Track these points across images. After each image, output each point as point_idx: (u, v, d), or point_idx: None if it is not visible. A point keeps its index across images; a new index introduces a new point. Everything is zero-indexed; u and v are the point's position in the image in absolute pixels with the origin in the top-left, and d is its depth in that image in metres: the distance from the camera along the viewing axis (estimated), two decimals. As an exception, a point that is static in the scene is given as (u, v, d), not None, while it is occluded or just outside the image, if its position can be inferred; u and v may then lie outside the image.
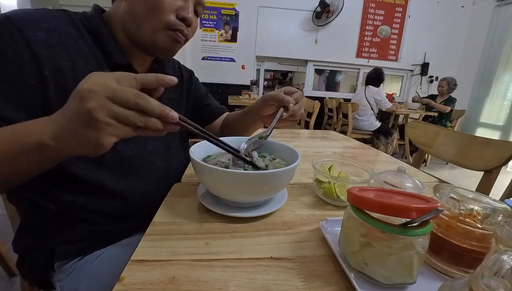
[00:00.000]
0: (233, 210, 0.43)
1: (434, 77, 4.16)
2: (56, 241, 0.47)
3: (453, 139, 0.93)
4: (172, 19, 0.49)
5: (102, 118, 0.28)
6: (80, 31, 0.48)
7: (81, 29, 0.48)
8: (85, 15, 0.51)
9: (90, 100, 0.27)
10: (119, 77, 0.30)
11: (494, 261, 0.21)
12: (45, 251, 0.48)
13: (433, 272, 0.33)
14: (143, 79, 0.31)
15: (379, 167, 0.77)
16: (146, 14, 0.48)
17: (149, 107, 0.30)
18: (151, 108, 0.30)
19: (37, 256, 0.49)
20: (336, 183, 0.49)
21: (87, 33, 0.49)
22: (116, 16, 0.52)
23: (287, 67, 4.13)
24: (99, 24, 0.50)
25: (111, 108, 0.28)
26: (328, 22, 3.76)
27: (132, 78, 0.30)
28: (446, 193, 0.36)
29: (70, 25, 0.47)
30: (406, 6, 3.95)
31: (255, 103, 0.64)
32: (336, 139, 1.13)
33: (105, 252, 0.49)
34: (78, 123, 0.28)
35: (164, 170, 0.58)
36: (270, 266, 0.33)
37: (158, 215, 0.43)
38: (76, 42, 0.47)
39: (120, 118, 0.29)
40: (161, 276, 0.30)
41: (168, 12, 0.48)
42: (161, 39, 0.50)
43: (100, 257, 0.48)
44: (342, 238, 0.35)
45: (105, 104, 0.28)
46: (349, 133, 3.02)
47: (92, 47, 0.49)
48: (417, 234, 0.27)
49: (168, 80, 0.32)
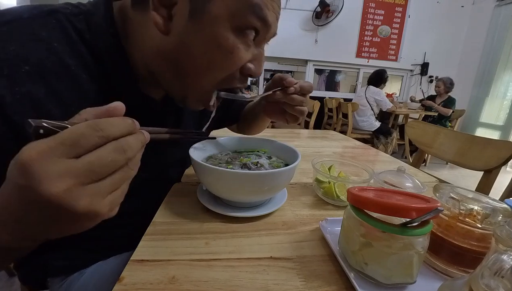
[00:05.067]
0: (233, 210, 0.43)
1: (434, 77, 4.16)
2: (49, 257, 0.45)
3: (453, 139, 0.93)
4: (236, 77, 0.37)
5: (100, 205, 0.21)
6: (81, 57, 0.34)
7: (81, 52, 0.34)
8: (88, 24, 0.35)
9: (76, 200, 0.19)
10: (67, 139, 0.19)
11: (494, 261, 0.21)
12: (39, 266, 0.46)
13: (433, 272, 0.33)
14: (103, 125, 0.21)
15: (379, 167, 0.77)
16: (200, 71, 0.35)
17: (132, 154, 0.22)
18: (134, 152, 0.23)
19: (31, 270, 0.48)
20: (336, 182, 0.49)
21: (89, 54, 0.35)
22: (140, 39, 0.36)
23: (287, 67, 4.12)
24: (111, 50, 0.35)
25: (103, 187, 0.21)
26: (328, 22, 3.76)
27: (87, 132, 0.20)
28: (446, 192, 0.36)
29: (65, 47, 0.33)
30: (406, 6, 3.95)
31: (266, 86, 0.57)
32: (336, 139, 1.13)
33: (96, 267, 0.48)
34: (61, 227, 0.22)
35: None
36: (270, 266, 0.33)
37: (158, 215, 0.43)
38: (76, 80, 0.33)
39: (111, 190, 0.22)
40: (161, 276, 0.30)
41: (235, 67, 0.36)
42: (203, 99, 0.39)
43: (91, 271, 0.47)
44: (342, 238, 0.35)
45: (93, 192, 0.20)
46: (349, 133, 3.02)
47: (95, 77, 0.35)
48: (417, 234, 0.27)
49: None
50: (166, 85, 0.39)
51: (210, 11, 0.32)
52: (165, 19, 0.33)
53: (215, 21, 0.32)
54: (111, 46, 0.35)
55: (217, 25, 0.33)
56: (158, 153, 0.49)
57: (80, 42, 0.34)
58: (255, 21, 0.34)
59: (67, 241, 0.44)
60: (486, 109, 3.86)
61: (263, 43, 0.39)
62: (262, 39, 0.38)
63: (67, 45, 0.33)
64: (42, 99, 0.31)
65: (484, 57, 3.84)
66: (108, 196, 0.21)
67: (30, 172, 0.18)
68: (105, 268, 0.48)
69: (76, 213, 0.20)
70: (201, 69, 0.36)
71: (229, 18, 0.33)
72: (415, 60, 4.17)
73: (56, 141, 0.19)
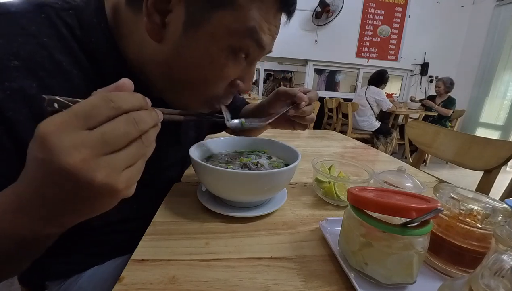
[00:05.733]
0: (233, 210, 0.43)
1: (434, 77, 4.17)
2: (48, 262, 0.44)
3: (452, 139, 0.93)
4: (221, 93, 0.38)
5: (119, 178, 0.21)
6: (73, 54, 0.33)
7: (73, 48, 0.33)
8: (79, 20, 0.33)
9: (94, 171, 0.20)
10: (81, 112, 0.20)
11: (494, 261, 0.21)
12: (38, 270, 0.45)
13: (433, 272, 0.33)
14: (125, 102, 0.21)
15: (379, 167, 0.77)
16: (190, 85, 0.36)
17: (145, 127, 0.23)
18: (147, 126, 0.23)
19: (30, 274, 0.48)
20: (336, 182, 0.49)
21: (81, 51, 0.33)
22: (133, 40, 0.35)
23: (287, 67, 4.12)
24: (105, 49, 0.34)
25: (120, 159, 0.21)
26: (328, 22, 3.76)
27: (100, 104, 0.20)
28: (446, 192, 0.36)
29: (56, 43, 0.31)
30: (406, 6, 3.95)
31: (267, 98, 0.57)
32: (336, 139, 1.13)
33: (95, 269, 0.47)
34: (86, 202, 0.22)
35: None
36: (270, 266, 0.33)
37: (158, 215, 0.43)
38: (68, 76, 0.32)
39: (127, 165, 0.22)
40: (161, 276, 0.30)
41: (221, 85, 0.37)
42: (197, 108, 0.40)
43: (88, 275, 0.47)
44: (342, 238, 0.35)
45: (111, 163, 0.20)
46: (349, 133, 3.02)
47: (88, 75, 0.34)
48: (417, 233, 0.27)
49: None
50: (159, 90, 0.39)
51: (206, 27, 0.31)
52: (158, 26, 0.32)
53: (210, 38, 0.32)
54: (104, 45, 0.35)
55: (212, 41, 0.32)
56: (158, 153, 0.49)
57: (71, 38, 0.33)
58: (250, 43, 0.34)
59: (67, 246, 0.44)
60: (486, 109, 3.86)
61: (255, 61, 0.39)
62: (255, 58, 0.38)
63: (57, 41, 0.32)
64: (34, 94, 0.30)
65: (484, 57, 3.84)
66: (124, 171, 0.21)
67: (48, 145, 0.19)
68: (104, 269, 0.47)
69: (93, 185, 0.20)
70: (192, 81, 0.35)
71: (225, 37, 0.32)
72: (415, 60, 4.18)
73: (70, 113, 0.20)
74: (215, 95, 0.38)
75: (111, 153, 0.21)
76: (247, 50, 0.35)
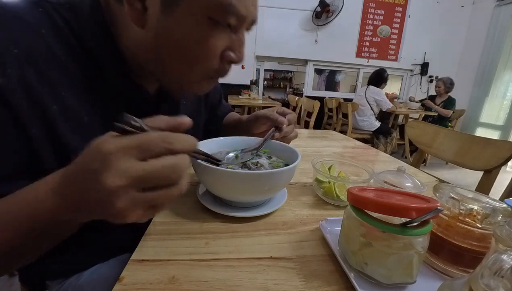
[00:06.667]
0: (233, 210, 0.43)
1: (434, 77, 4.17)
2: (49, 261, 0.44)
3: (452, 139, 0.93)
4: (215, 67, 0.37)
5: (133, 212, 0.23)
6: (70, 47, 0.34)
7: (70, 42, 0.34)
8: (75, 14, 0.35)
9: (119, 199, 0.22)
10: (142, 144, 0.22)
11: (493, 261, 0.21)
12: (38, 269, 0.46)
13: (433, 271, 0.34)
14: (171, 138, 0.24)
15: (379, 167, 0.77)
16: (181, 65, 0.36)
17: (184, 174, 0.25)
18: (183, 169, 0.25)
19: (30, 273, 0.48)
20: (336, 182, 0.49)
21: (78, 44, 0.34)
22: (124, 30, 0.36)
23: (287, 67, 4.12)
24: (101, 42, 0.35)
25: (146, 199, 0.23)
26: (328, 22, 3.76)
27: (159, 142, 0.23)
28: (446, 192, 0.36)
29: (54, 36, 0.33)
30: (406, 6, 3.95)
31: (247, 119, 0.60)
32: (336, 139, 1.13)
33: (95, 268, 0.47)
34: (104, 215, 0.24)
35: None
36: (270, 265, 0.33)
37: (158, 215, 0.43)
38: (65, 66, 0.33)
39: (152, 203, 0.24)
40: (161, 276, 0.30)
41: (213, 59, 0.36)
42: (195, 89, 0.40)
43: (88, 274, 0.47)
44: (342, 238, 0.35)
45: (136, 200, 0.23)
46: (349, 133, 3.02)
47: (86, 68, 0.35)
48: (417, 233, 0.27)
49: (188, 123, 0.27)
50: (155, 76, 0.39)
51: (182, 4, 0.31)
52: (140, 11, 0.32)
53: (189, 14, 0.32)
54: (101, 38, 0.35)
55: (190, 17, 0.32)
56: None
57: (68, 31, 0.34)
58: (228, 16, 0.33)
59: (67, 246, 0.43)
60: (486, 109, 3.87)
61: (241, 30, 0.38)
62: (238, 27, 0.36)
63: (55, 34, 0.33)
64: (33, 82, 0.30)
65: (484, 57, 3.84)
66: (143, 210, 0.24)
67: (106, 162, 0.21)
68: (104, 269, 0.48)
69: (109, 207, 0.22)
70: (181, 61, 0.36)
71: (202, 10, 0.32)
72: (415, 60, 4.18)
73: (134, 143, 0.22)
74: (210, 70, 0.38)
75: (143, 190, 0.23)
76: (228, 21, 0.34)
